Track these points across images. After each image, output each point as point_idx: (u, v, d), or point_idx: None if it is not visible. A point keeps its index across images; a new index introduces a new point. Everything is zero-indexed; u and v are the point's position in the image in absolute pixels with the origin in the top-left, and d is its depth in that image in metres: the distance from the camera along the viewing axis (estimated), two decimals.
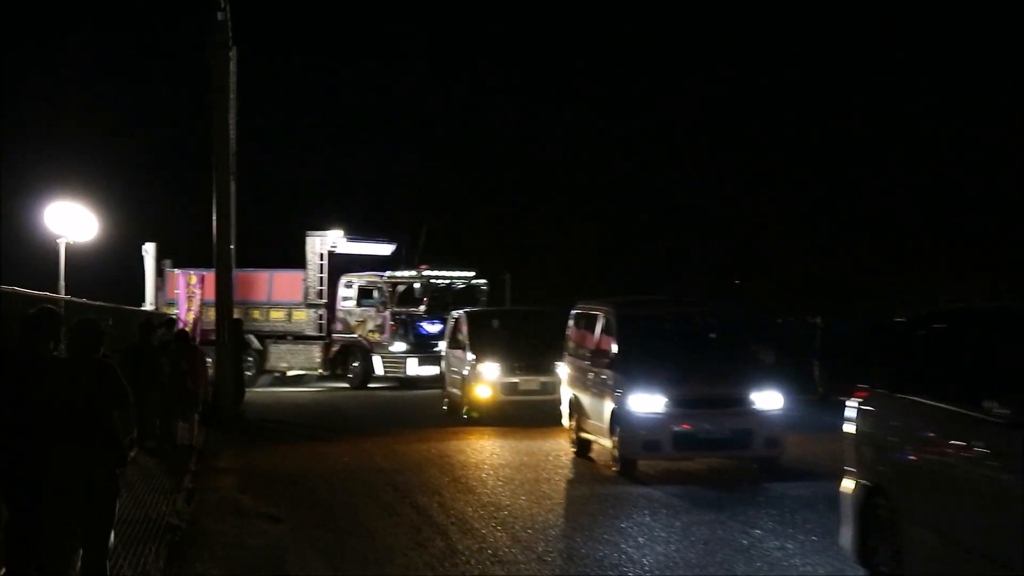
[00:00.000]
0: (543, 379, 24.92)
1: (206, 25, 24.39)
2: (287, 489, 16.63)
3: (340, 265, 37.71)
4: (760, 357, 18.21)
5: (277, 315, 37.47)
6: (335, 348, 37.12)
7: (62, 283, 24.12)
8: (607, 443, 18.14)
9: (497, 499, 15.58)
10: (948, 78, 52.97)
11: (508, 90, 68.11)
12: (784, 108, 55.56)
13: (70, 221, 25.58)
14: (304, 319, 37.28)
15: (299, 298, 37.16)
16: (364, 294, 36.89)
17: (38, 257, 29.40)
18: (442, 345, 32.16)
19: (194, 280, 35.50)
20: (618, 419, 17.58)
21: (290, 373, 37.70)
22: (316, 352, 37.13)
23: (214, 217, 24.96)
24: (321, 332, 37.21)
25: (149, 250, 36.87)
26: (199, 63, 24.58)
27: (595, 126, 59.73)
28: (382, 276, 36.70)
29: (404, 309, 36.31)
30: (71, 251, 25.49)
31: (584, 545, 12.56)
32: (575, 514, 14.70)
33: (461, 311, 28.46)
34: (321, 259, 37.29)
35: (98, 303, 18.53)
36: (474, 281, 37.92)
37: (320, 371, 37.20)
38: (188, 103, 56.35)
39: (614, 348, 18.38)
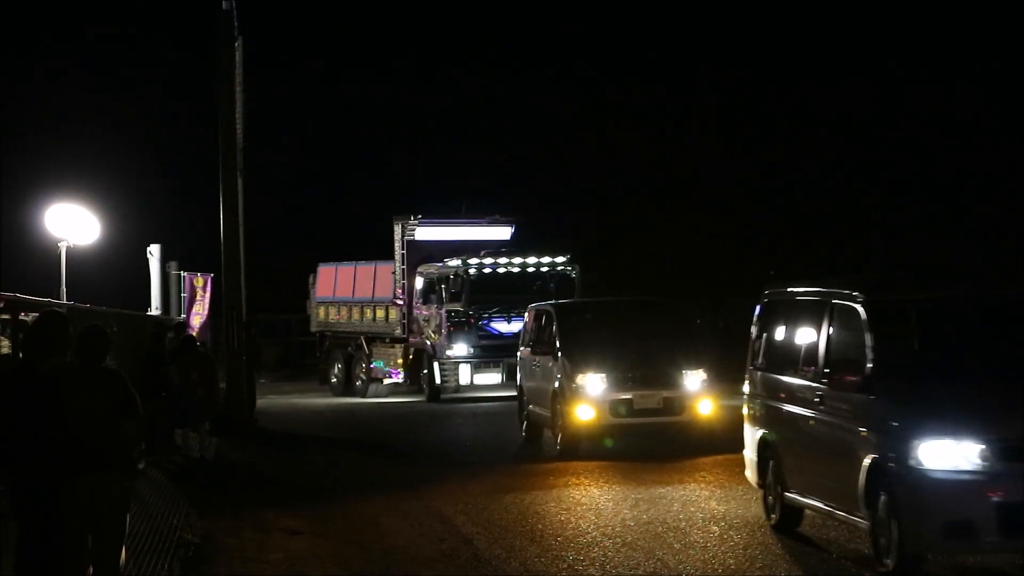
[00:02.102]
0: (666, 394, 19.17)
1: (211, 16, 24.24)
2: (304, 499, 16.20)
3: (440, 254, 31.27)
4: None
5: (380, 314, 32.95)
6: (411, 354, 31.71)
7: (63, 288, 23.69)
8: (858, 520, 11.02)
9: None
10: None
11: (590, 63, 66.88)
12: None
13: (72, 224, 25.18)
14: (394, 318, 32.27)
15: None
16: (429, 287, 30.98)
17: (39, 261, 28.97)
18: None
19: (201, 283, 35.00)
20: (889, 481, 10.49)
21: (387, 381, 32.89)
22: (400, 358, 32.14)
23: (221, 216, 24.50)
24: (404, 334, 31.79)
25: (154, 252, 36.32)
26: (207, 61, 24.30)
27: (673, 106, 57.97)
28: (442, 266, 30.62)
29: (455, 306, 29.86)
30: (73, 255, 25.06)
31: None
32: None
33: (545, 304, 22.39)
34: (403, 248, 31.83)
35: (102, 308, 18.05)
36: (561, 268, 30.76)
37: (401, 380, 32.27)
38: (195, 100, 55.98)
39: (872, 359, 11.03)
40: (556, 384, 19.47)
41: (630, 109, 57.89)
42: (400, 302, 31.56)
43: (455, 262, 29.97)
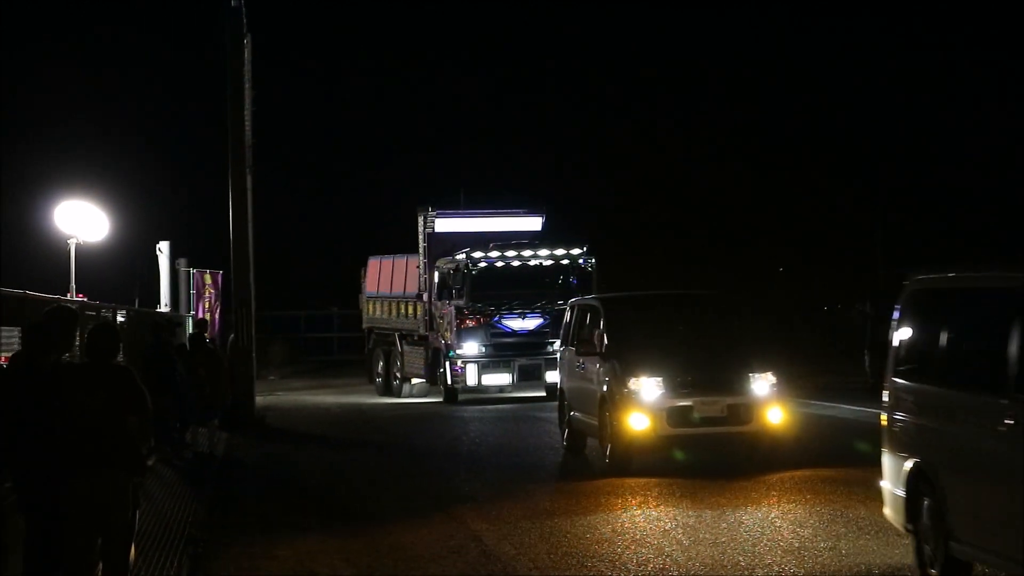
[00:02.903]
0: (730, 400, 16.90)
1: (220, 14, 24.21)
2: (314, 496, 16.13)
3: (463, 247, 29.34)
4: None
5: (409, 310, 31.32)
6: (430, 352, 30.19)
7: (73, 285, 23.65)
8: None
9: None
10: None
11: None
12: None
13: (81, 220, 25.14)
14: (420, 315, 30.61)
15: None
16: (443, 283, 29.44)
17: (48, 258, 28.94)
18: (559, 344, 26.93)
19: (209, 279, 35.00)
20: None
21: (414, 381, 31.67)
22: (423, 357, 30.65)
23: (230, 213, 24.50)
24: (426, 331, 30.28)
25: (164, 249, 36.31)
26: (216, 58, 24.31)
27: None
28: (450, 260, 29.07)
29: (460, 302, 28.47)
30: (82, 251, 25.03)
31: None
32: None
33: (589, 298, 20.47)
34: (424, 241, 30.19)
35: (112, 305, 18.03)
36: (580, 261, 29.08)
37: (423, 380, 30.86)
38: (204, 97, 55.92)
39: None
40: (604, 388, 17.20)
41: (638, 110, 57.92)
42: (424, 298, 30.23)
43: (461, 256, 28.54)
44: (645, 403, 16.68)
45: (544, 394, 28.58)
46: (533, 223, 30.85)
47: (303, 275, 58.27)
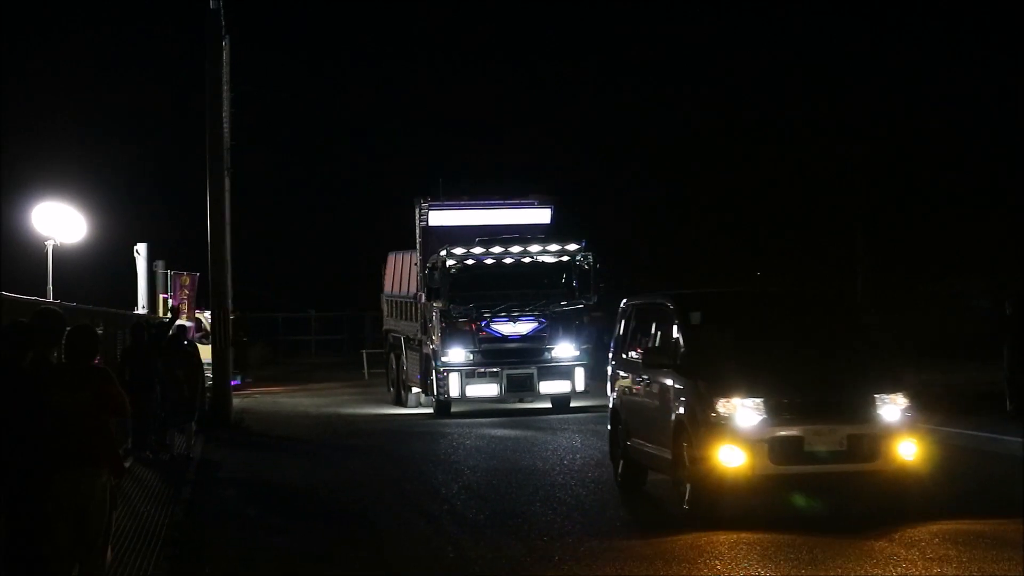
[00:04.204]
0: (851, 430, 12.97)
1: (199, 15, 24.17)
2: (293, 499, 16.09)
3: (463, 242, 26.13)
4: None
5: (410, 312, 28.54)
6: (423, 358, 27.13)
7: (50, 287, 23.59)
8: None
9: None
10: None
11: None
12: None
13: (58, 222, 25.07)
14: (417, 317, 27.68)
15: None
16: (426, 282, 26.35)
17: (25, 260, 28.84)
18: (556, 350, 25.43)
19: (187, 281, 34.93)
20: None
21: (414, 390, 28.75)
22: (417, 363, 27.88)
23: (208, 215, 24.45)
24: (422, 335, 27.34)
25: (141, 251, 36.24)
26: (195, 60, 24.27)
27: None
28: (435, 257, 25.95)
29: (440, 303, 25.51)
30: (60, 253, 24.96)
31: None
32: None
33: (657, 296, 15.48)
34: (420, 236, 27.27)
35: (89, 307, 17.97)
36: (579, 257, 26.01)
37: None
38: (183, 99, 55.86)
39: None
40: (681, 412, 13.32)
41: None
42: (421, 300, 27.18)
43: (442, 252, 25.60)
44: (740, 432, 12.72)
45: (549, 405, 26.71)
46: (541, 215, 27.52)
47: (282, 277, 58.35)
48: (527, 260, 25.88)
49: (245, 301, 36.76)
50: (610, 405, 16.14)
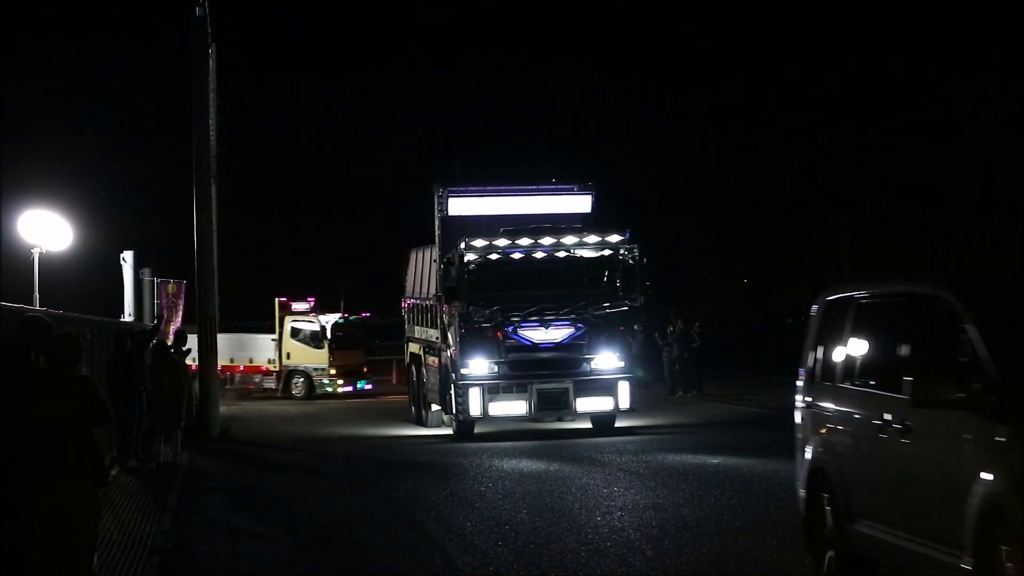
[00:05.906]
0: None
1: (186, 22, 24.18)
2: (279, 507, 16.01)
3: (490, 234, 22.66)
4: None
5: (429, 316, 25.32)
6: (442, 370, 23.93)
7: (36, 294, 23.56)
8: None
9: None
10: None
11: None
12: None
13: (45, 230, 25.06)
14: (435, 322, 24.62)
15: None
16: (443, 280, 22.91)
17: (11, 268, 28.80)
18: (596, 361, 21.96)
19: (173, 289, 34.87)
20: None
21: (434, 408, 25.05)
22: (437, 375, 24.55)
23: (194, 222, 24.44)
24: (440, 343, 24.22)
25: (128, 259, 36.22)
26: (181, 68, 24.27)
27: None
28: (453, 251, 22.67)
29: (459, 305, 22.28)
30: (46, 261, 24.93)
31: None
32: None
33: (922, 283, 9.26)
34: (439, 228, 24.17)
35: (75, 315, 17.93)
36: (622, 250, 22.52)
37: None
38: (170, 107, 55.92)
39: None
40: (994, 484, 7.59)
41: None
42: (441, 302, 23.66)
43: (461, 245, 22.35)
44: None
45: (590, 425, 23.09)
46: (580, 203, 24.06)
47: (274, 285, 58.29)
48: (561, 254, 22.34)
49: (233, 309, 36.61)
50: (804, 458, 10.33)
